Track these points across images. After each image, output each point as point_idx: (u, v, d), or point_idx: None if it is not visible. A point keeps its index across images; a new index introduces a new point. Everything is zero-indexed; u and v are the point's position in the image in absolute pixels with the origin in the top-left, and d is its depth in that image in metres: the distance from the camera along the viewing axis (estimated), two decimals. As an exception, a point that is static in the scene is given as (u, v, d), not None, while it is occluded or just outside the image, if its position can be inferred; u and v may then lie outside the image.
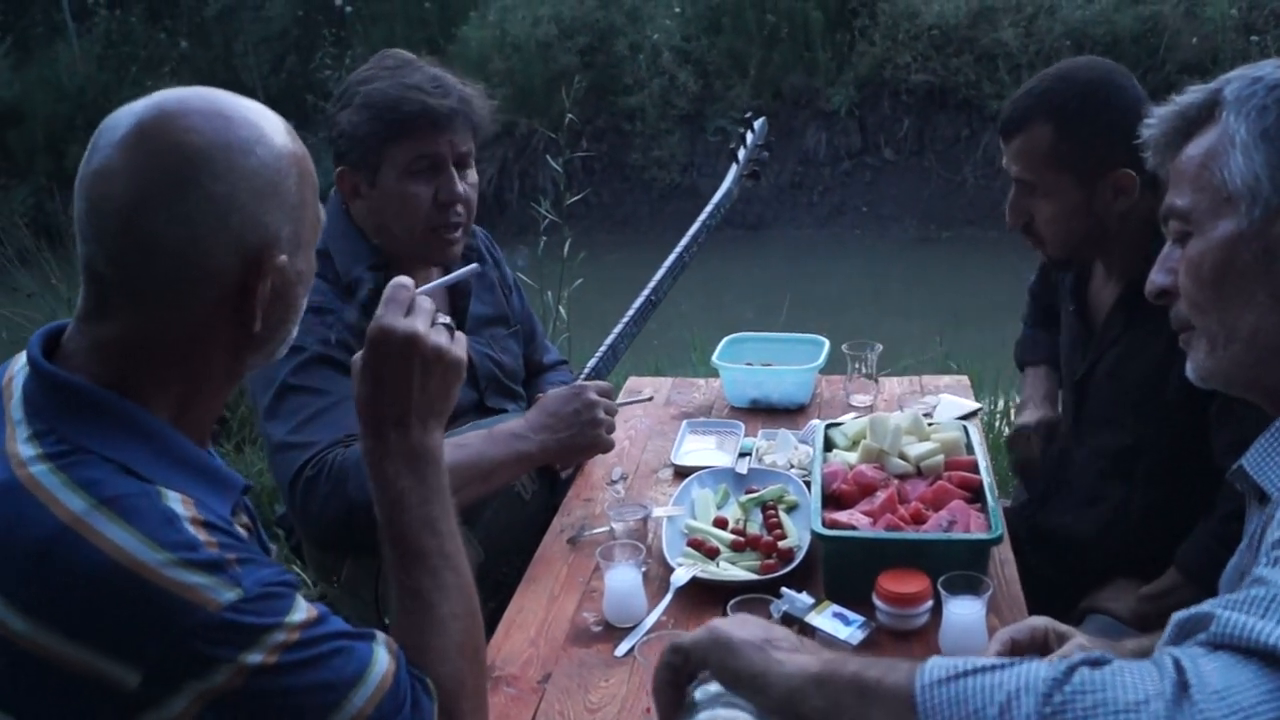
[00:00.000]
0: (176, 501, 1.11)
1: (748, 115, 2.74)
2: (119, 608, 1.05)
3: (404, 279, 1.31)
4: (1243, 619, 0.82)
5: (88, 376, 1.15)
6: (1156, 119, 1.25)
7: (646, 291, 2.48)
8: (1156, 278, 1.25)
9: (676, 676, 1.11)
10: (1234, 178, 1.12)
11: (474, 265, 1.56)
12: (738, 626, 1.08)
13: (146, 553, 1.06)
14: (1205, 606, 0.87)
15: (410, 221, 2.09)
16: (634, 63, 11.00)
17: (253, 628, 1.08)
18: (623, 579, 1.74)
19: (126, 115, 1.15)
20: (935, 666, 0.87)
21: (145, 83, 10.57)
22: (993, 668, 0.85)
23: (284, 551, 3.46)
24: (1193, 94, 1.21)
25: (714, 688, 1.09)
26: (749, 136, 2.69)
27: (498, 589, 1.98)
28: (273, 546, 3.62)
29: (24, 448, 1.11)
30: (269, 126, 1.20)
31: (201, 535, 1.10)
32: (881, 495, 1.91)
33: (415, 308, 1.30)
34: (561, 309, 4.42)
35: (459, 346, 1.33)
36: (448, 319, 1.34)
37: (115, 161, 1.13)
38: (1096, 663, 0.84)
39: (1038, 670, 0.83)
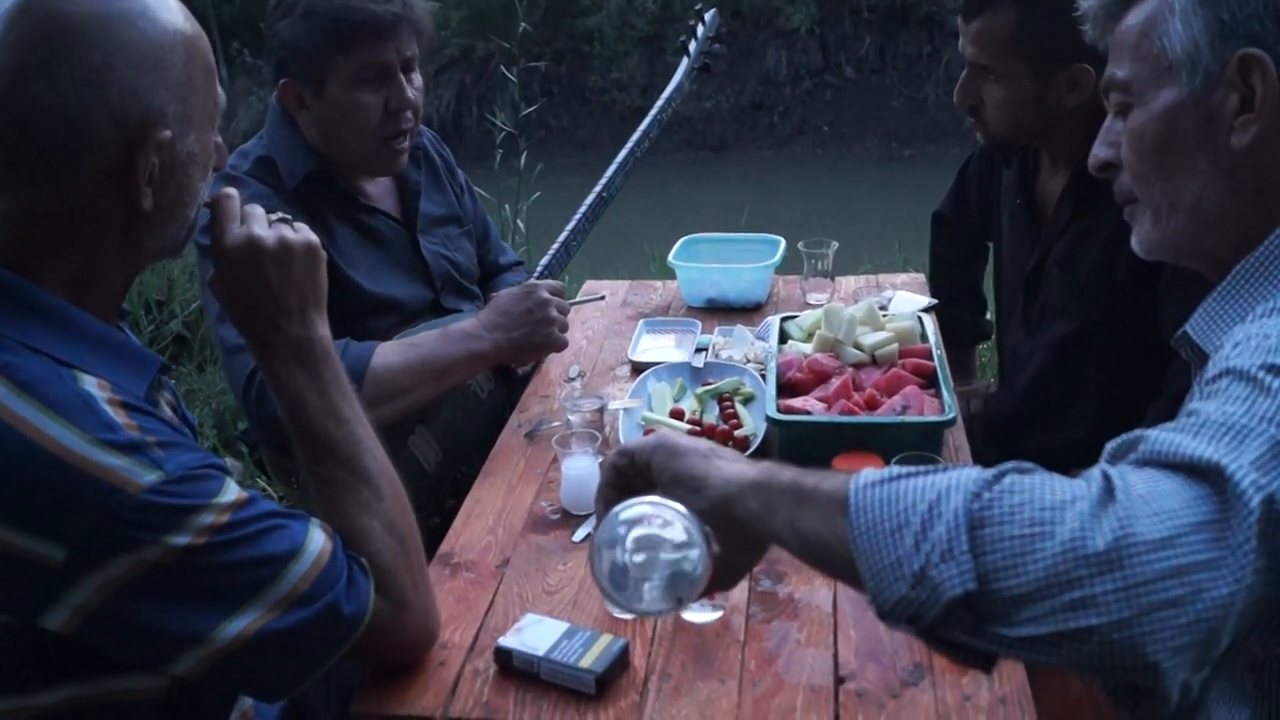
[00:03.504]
0: (92, 384, 1.12)
1: (698, 8, 2.69)
2: (39, 489, 1.05)
3: (227, 190, 1.33)
4: (1171, 436, 0.84)
5: None
6: None
7: (599, 187, 2.46)
8: (1099, 150, 1.24)
9: (620, 479, 1.13)
10: (1174, 45, 1.10)
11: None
12: (687, 438, 1.10)
13: (64, 434, 1.06)
14: (1137, 432, 0.89)
15: (362, 131, 2.07)
16: (592, -19, 10.87)
17: (176, 509, 1.09)
18: (579, 466, 1.74)
19: None
20: (870, 473, 0.89)
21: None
22: (927, 472, 0.87)
23: (249, 467, 3.46)
24: None
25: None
26: (700, 29, 2.65)
27: (457, 488, 1.98)
28: (234, 463, 3.60)
29: None
30: (156, 3, 1.19)
31: (120, 417, 1.10)
32: (836, 382, 1.91)
33: (248, 215, 1.31)
34: (520, 223, 4.40)
35: (304, 232, 1.34)
36: (284, 214, 1.35)
37: None
38: (1027, 471, 0.85)
39: (969, 473, 0.85)
